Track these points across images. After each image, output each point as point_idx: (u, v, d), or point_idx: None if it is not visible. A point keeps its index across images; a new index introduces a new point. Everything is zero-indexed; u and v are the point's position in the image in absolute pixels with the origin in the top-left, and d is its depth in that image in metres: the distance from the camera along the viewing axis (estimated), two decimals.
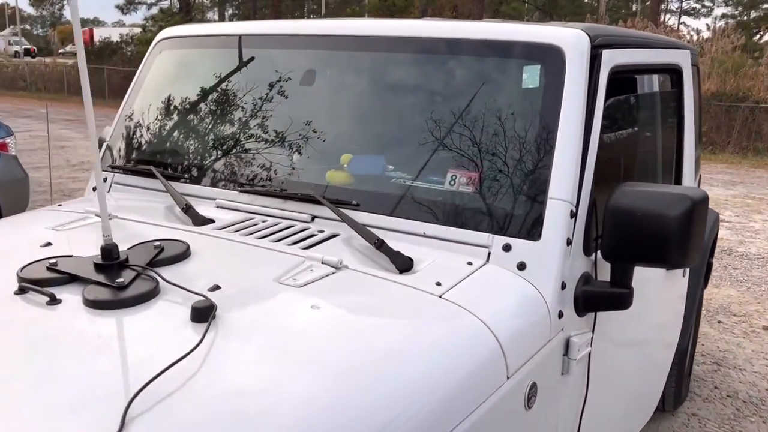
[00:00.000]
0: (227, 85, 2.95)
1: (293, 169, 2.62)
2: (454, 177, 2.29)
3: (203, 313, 1.65)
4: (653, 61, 2.97)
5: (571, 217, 2.13)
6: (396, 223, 2.31)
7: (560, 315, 2.09)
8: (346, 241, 2.28)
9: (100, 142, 3.18)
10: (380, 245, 2.14)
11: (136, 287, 1.79)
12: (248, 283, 1.97)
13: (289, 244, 2.22)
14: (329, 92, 2.78)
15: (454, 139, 2.34)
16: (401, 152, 2.49)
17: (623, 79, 2.61)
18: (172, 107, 3.06)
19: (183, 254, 2.06)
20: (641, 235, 2.02)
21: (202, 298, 1.72)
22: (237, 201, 2.63)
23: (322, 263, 2.03)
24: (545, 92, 2.26)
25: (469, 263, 2.11)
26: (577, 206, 2.15)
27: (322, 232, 2.36)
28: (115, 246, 1.91)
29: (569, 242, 2.12)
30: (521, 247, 2.12)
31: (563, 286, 2.11)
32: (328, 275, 1.98)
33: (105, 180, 3.05)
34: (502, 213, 2.19)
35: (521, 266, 2.10)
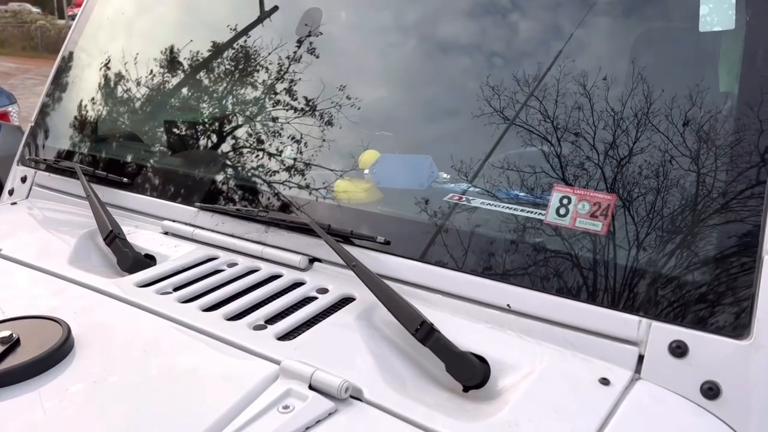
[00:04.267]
0: (191, 36, 1.93)
1: (285, 172, 1.60)
2: (566, 200, 1.23)
3: None
4: None
5: None
6: (454, 281, 1.28)
7: None
8: (364, 317, 1.26)
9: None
10: (426, 335, 1.11)
11: None
12: None
13: (256, 327, 1.21)
14: (343, 45, 1.72)
15: (568, 129, 1.28)
16: (465, 147, 1.44)
17: None
18: (116, 71, 2.05)
19: (49, 358, 1.07)
20: None
21: None
22: (194, 225, 1.63)
23: (309, 388, 1.01)
24: (749, 41, 1.17)
25: (604, 381, 1.07)
26: None
27: (323, 292, 1.35)
28: None
29: None
30: (710, 350, 1.06)
31: None
32: (315, 424, 0.96)
33: (24, 180, 2.09)
34: (666, 279, 1.13)
35: (711, 391, 1.05)
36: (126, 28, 2.12)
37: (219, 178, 1.67)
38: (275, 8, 1.80)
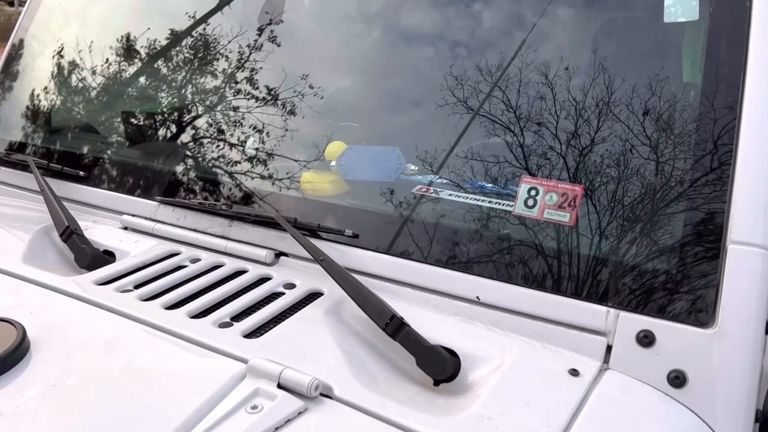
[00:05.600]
0: (148, 23, 1.87)
1: (248, 164, 1.56)
2: (534, 191, 1.23)
3: None
4: None
5: None
6: (423, 274, 1.27)
7: None
8: (332, 313, 1.24)
9: None
10: (396, 329, 1.10)
11: None
12: None
13: (221, 325, 1.18)
14: (306, 34, 1.69)
15: (536, 120, 1.28)
16: (433, 138, 1.43)
17: None
18: (70, 60, 1.98)
19: (2, 362, 1.02)
20: None
21: None
22: (155, 219, 1.58)
23: (278, 386, 0.99)
24: (712, 32, 1.18)
25: (573, 372, 1.07)
26: None
27: (290, 287, 1.32)
28: None
29: None
30: (675, 338, 1.08)
31: (761, 419, 1.08)
32: (285, 424, 0.94)
33: None
34: (633, 269, 1.14)
35: (677, 379, 1.06)
36: (80, 15, 2.04)
37: (180, 170, 1.62)
38: None
